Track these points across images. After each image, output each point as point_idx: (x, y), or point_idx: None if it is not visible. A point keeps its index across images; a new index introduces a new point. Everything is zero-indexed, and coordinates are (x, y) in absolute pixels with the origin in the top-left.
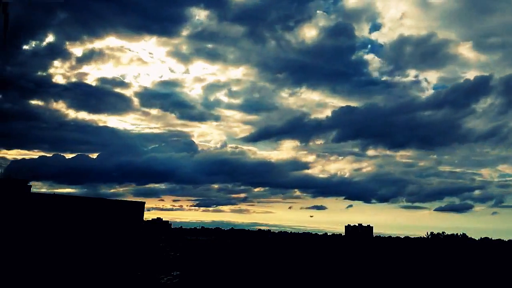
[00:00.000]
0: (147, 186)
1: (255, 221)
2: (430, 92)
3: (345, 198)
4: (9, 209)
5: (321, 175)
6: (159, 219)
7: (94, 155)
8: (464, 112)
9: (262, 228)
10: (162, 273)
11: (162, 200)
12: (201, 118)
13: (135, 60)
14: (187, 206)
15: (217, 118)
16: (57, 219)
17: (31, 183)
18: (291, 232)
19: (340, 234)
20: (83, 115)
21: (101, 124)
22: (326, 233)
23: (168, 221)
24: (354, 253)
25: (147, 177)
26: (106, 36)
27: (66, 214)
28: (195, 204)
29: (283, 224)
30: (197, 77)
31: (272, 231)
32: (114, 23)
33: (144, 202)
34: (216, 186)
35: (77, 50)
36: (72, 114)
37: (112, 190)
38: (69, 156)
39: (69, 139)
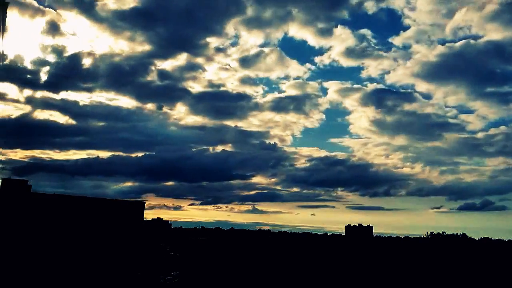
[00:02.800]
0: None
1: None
2: None
3: None
4: (10, 209)
5: None
6: (159, 219)
7: (138, 154)
8: None
9: (263, 228)
10: (162, 273)
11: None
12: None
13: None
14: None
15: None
16: (57, 219)
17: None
18: (291, 232)
19: (340, 234)
20: (196, 119)
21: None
22: (326, 233)
23: (168, 221)
24: (354, 253)
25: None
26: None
27: (67, 213)
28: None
29: (286, 224)
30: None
31: (272, 231)
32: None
33: (144, 202)
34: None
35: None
36: (188, 118)
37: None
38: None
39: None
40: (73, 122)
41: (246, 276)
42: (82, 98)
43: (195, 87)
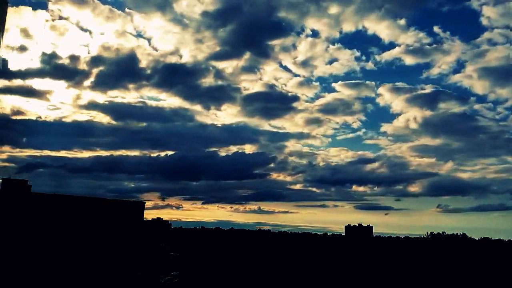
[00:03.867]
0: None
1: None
2: None
3: None
4: (10, 209)
5: None
6: (159, 219)
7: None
8: None
9: (263, 228)
10: (162, 273)
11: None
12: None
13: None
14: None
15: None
16: (57, 219)
17: None
18: (290, 232)
19: (340, 234)
20: (240, 120)
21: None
22: (326, 233)
23: (168, 221)
24: (354, 253)
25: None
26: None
27: (67, 213)
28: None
29: (288, 224)
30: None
31: (272, 231)
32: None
33: (144, 202)
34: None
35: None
36: (231, 119)
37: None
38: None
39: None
40: (114, 122)
41: (245, 276)
42: (129, 98)
43: (249, 88)
